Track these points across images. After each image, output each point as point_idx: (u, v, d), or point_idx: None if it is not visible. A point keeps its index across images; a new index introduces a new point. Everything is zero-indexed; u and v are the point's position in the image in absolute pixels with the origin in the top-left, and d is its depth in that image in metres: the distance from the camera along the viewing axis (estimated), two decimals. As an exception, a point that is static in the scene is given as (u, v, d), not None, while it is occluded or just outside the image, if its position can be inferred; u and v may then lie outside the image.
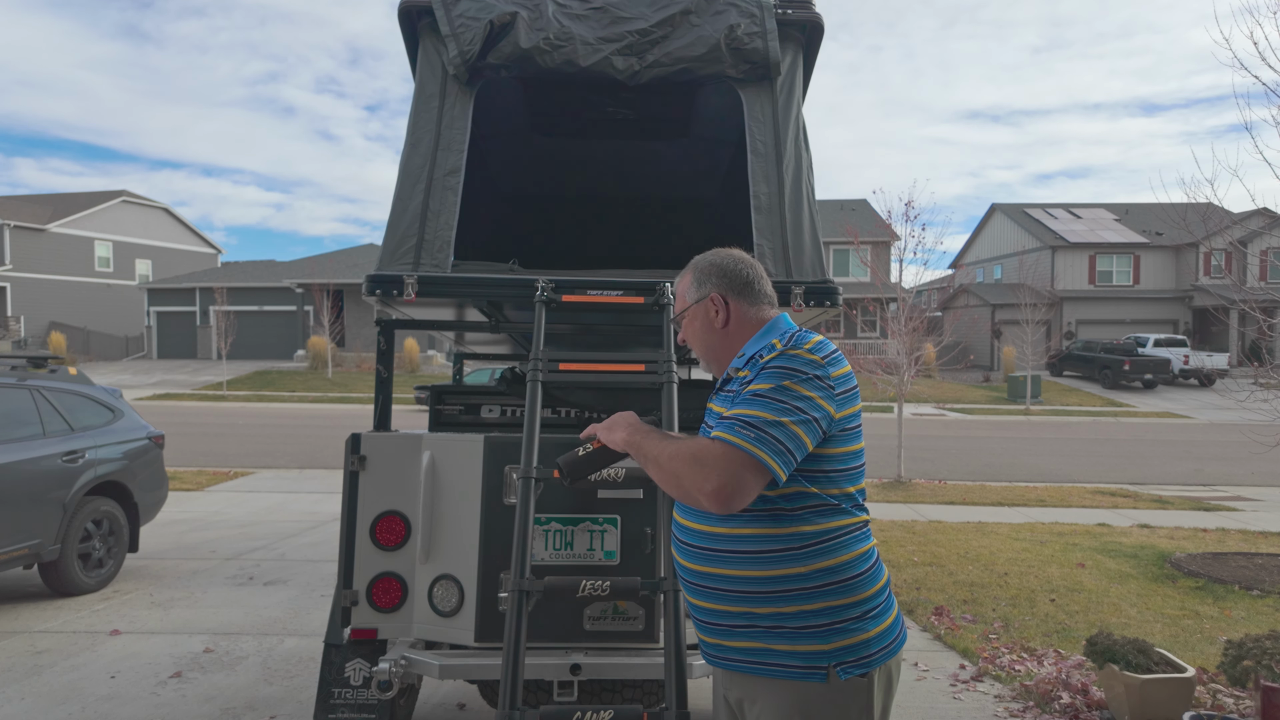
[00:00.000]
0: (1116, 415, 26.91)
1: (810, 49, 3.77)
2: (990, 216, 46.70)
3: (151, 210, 47.75)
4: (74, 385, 6.91)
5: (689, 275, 2.10)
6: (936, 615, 5.95)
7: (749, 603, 1.79)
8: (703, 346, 2.06)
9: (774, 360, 1.80)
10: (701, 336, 2.06)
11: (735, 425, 1.73)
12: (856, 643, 1.77)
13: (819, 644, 1.76)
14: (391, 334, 3.48)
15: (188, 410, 24.41)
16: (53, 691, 4.51)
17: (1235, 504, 11.54)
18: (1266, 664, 3.91)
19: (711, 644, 1.89)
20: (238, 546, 8.04)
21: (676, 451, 1.79)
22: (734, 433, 1.72)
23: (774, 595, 1.77)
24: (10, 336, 38.29)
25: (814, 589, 1.77)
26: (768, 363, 1.80)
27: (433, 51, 3.51)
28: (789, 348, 1.81)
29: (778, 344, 1.85)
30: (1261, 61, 7.06)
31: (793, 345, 1.82)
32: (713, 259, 2.08)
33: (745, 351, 1.96)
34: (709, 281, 2.05)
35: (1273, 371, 8.04)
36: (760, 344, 1.93)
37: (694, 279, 2.08)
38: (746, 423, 1.72)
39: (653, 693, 3.33)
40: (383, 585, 3.06)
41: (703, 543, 1.84)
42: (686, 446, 1.79)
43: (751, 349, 1.94)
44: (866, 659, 1.78)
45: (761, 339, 1.96)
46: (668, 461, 1.79)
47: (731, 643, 1.83)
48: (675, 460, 1.78)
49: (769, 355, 1.82)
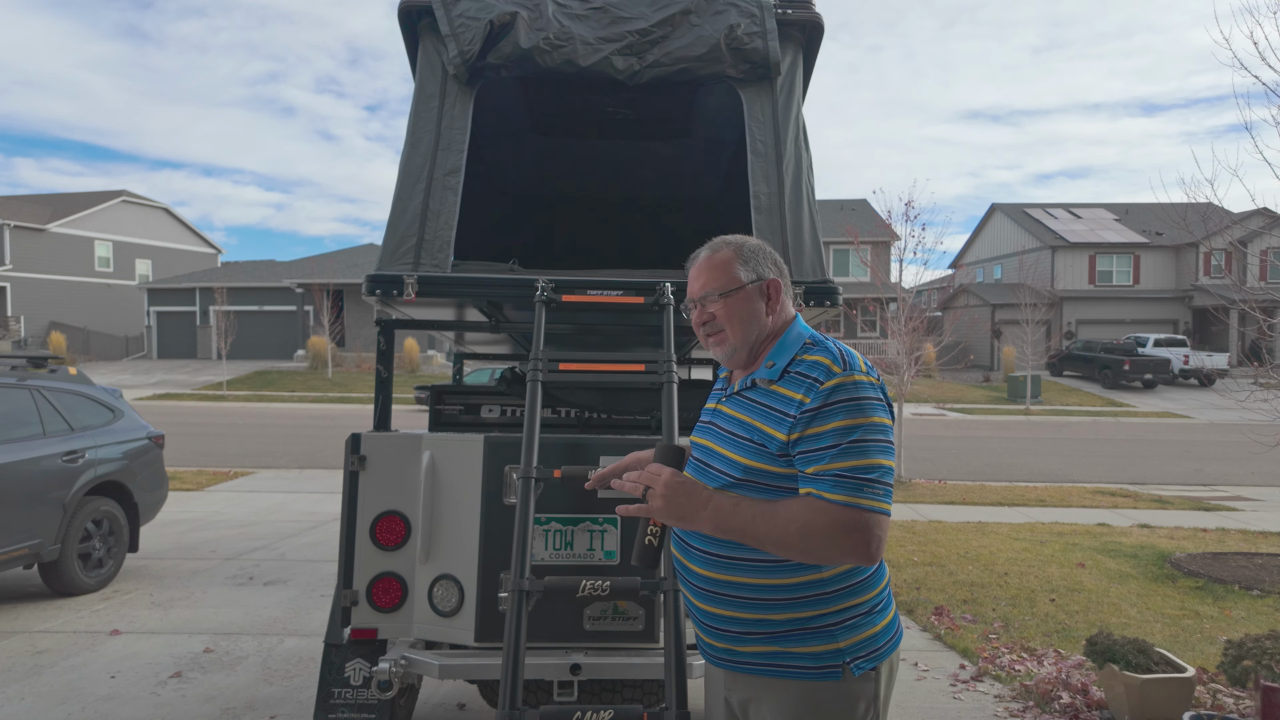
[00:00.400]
0: (1116, 415, 26.91)
1: (810, 49, 3.77)
2: (990, 216, 46.70)
3: (151, 210, 47.75)
4: (74, 385, 6.91)
5: (730, 252, 1.91)
6: (936, 615, 5.95)
7: (766, 609, 1.77)
8: (742, 332, 1.88)
9: (846, 388, 1.71)
10: (747, 322, 1.88)
11: (863, 486, 1.66)
12: (867, 638, 1.78)
13: (834, 643, 1.75)
14: (391, 334, 3.48)
15: (188, 410, 24.41)
16: (53, 691, 4.51)
17: (1235, 504, 11.53)
18: (1266, 664, 3.91)
19: (720, 648, 1.85)
20: (238, 546, 8.04)
21: (803, 527, 1.66)
22: (863, 494, 1.65)
23: (793, 601, 1.76)
24: (10, 336, 38.29)
25: (832, 593, 1.76)
26: (836, 390, 1.70)
27: (433, 51, 3.51)
28: (852, 373, 1.73)
29: (827, 363, 1.75)
30: (1261, 61, 7.07)
31: (850, 368, 1.74)
32: (756, 243, 1.94)
33: (775, 360, 1.84)
34: (765, 264, 1.92)
35: (1273, 371, 8.04)
36: (789, 352, 1.83)
37: (740, 258, 1.91)
38: (870, 480, 1.66)
39: (653, 693, 3.33)
40: (383, 585, 3.06)
41: (721, 550, 1.79)
42: (808, 519, 1.66)
43: (781, 358, 1.83)
44: (875, 653, 1.78)
45: (789, 346, 1.86)
46: (796, 539, 1.67)
47: (743, 648, 1.80)
48: (808, 537, 1.66)
49: (830, 381, 1.71)
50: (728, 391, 1.94)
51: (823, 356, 1.77)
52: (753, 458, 1.77)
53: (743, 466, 1.78)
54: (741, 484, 1.77)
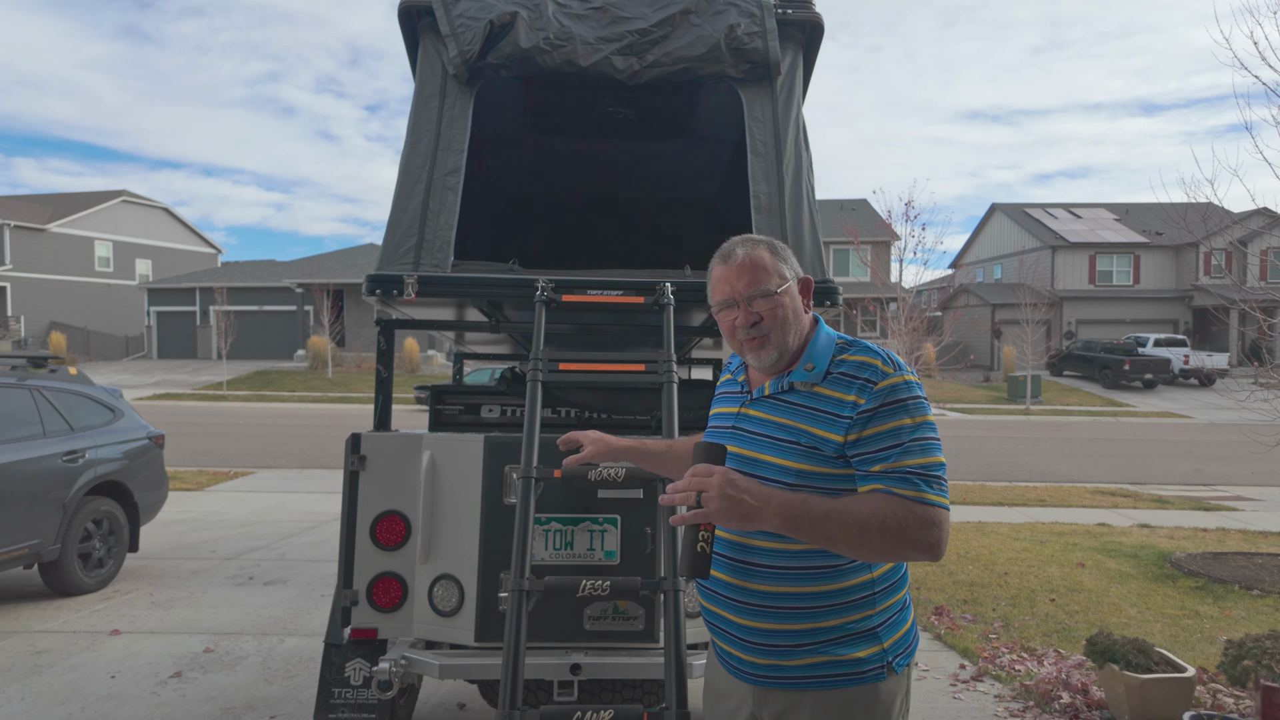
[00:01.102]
0: (1116, 415, 26.91)
1: (810, 49, 3.77)
2: (990, 216, 46.70)
3: (151, 210, 47.76)
4: (74, 385, 6.91)
5: (767, 250, 1.85)
6: (936, 615, 5.95)
7: (819, 617, 1.73)
8: (784, 333, 1.82)
9: (900, 388, 1.72)
10: (791, 321, 1.83)
11: (932, 482, 1.67)
12: (903, 635, 1.79)
13: (879, 644, 1.74)
14: (391, 334, 3.48)
15: (188, 410, 24.41)
16: (53, 691, 4.51)
17: (1235, 504, 11.53)
18: (1266, 664, 3.91)
19: (763, 665, 1.78)
20: (238, 546, 8.04)
21: (883, 522, 1.62)
22: (932, 489, 1.67)
23: (844, 606, 1.74)
24: (10, 336, 38.29)
25: (880, 592, 1.76)
26: (892, 391, 1.71)
27: (433, 51, 3.51)
28: (902, 372, 1.74)
29: (878, 364, 1.73)
30: (1261, 61, 7.08)
31: (899, 368, 1.74)
32: (781, 245, 1.91)
33: (814, 362, 1.80)
34: (794, 262, 1.90)
35: (1273, 371, 8.04)
36: (826, 353, 1.80)
37: (778, 256, 1.86)
38: (936, 476, 1.69)
39: (653, 692, 3.33)
40: (383, 585, 3.06)
41: (771, 561, 1.74)
42: (886, 514, 1.63)
43: (820, 359, 1.79)
44: (909, 649, 1.81)
45: (823, 346, 1.82)
46: (876, 535, 1.62)
47: (791, 661, 1.75)
48: (886, 532, 1.62)
49: (884, 382, 1.71)
50: (752, 395, 1.87)
51: (870, 357, 1.76)
52: (806, 461, 1.72)
53: (795, 471, 1.72)
54: (795, 489, 1.71)
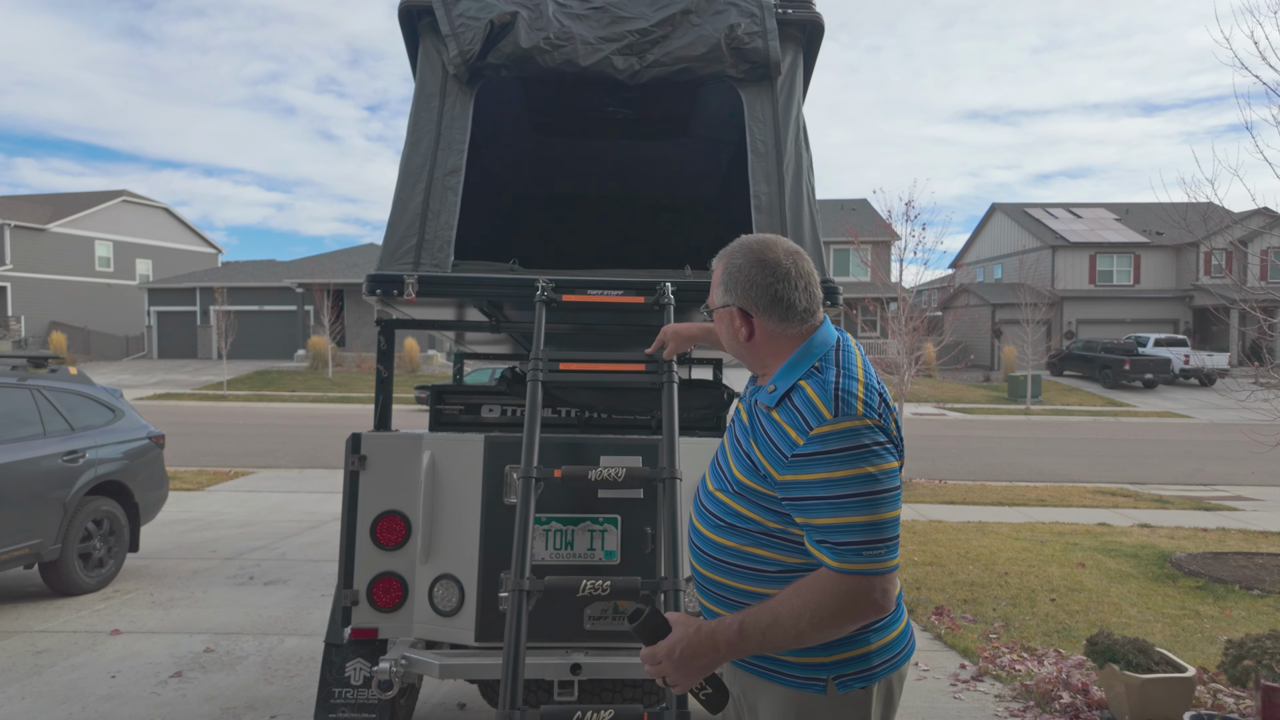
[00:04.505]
0: (1117, 415, 26.91)
1: (810, 49, 3.77)
2: (990, 216, 46.69)
3: (152, 210, 47.77)
4: (74, 385, 6.91)
5: (720, 267, 1.83)
6: (937, 615, 5.95)
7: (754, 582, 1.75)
8: (731, 351, 1.88)
9: (835, 437, 1.58)
10: (728, 343, 1.86)
11: (861, 550, 1.57)
12: (856, 656, 1.71)
13: (819, 656, 1.71)
14: (392, 334, 3.48)
15: (188, 410, 24.42)
16: (53, 691, 4.51)
17: (1235, 504, 11.53)
18: (1267, 664, 3.91)
19: None
20: (238, 546, 8.05)
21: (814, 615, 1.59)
22: (861, 559, 1.58)
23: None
24: (11, 336, 38.30)
25: None
26: (826, 439, 1.58)
27: (433, 51, 3.51)
28: (843, 419, 1.59)
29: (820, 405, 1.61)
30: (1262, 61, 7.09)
31: (844, 413, 1.59)
32: (742, 261, 1.78)
33: (778, 383, 1.72)
34: (734, 289, 1.79)
35: (1273, 371, 8.04)
36: (793, 375, 1.71)
37: (723, 275, 1.81)
38: (865, 542, 1.57)
39: (653, 692, 3.33)
40: (383, 585, 3.06)
41: (719, 555, 1.79)
42: (814, 603, 1.59)
43: (784, 381, 1.71)
44: (867, 672, 1.71)
45: (797, 366, 1.73)
46: (810, 630, 1.60)
47: None
48: (821, 623, 1.60)
49: (820, 429, 1.59)
50: (753, 397, 1.87)
51: (818, 395, 1.64)
52: (748, 476, 1.74)
53: (739, 482, 1.75)
54: (739, 496, 1.75)
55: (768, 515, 1.71)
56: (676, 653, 1.62)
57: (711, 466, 1.92)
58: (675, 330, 2.67)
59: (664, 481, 2.70)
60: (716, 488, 1.83)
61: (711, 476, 1.88)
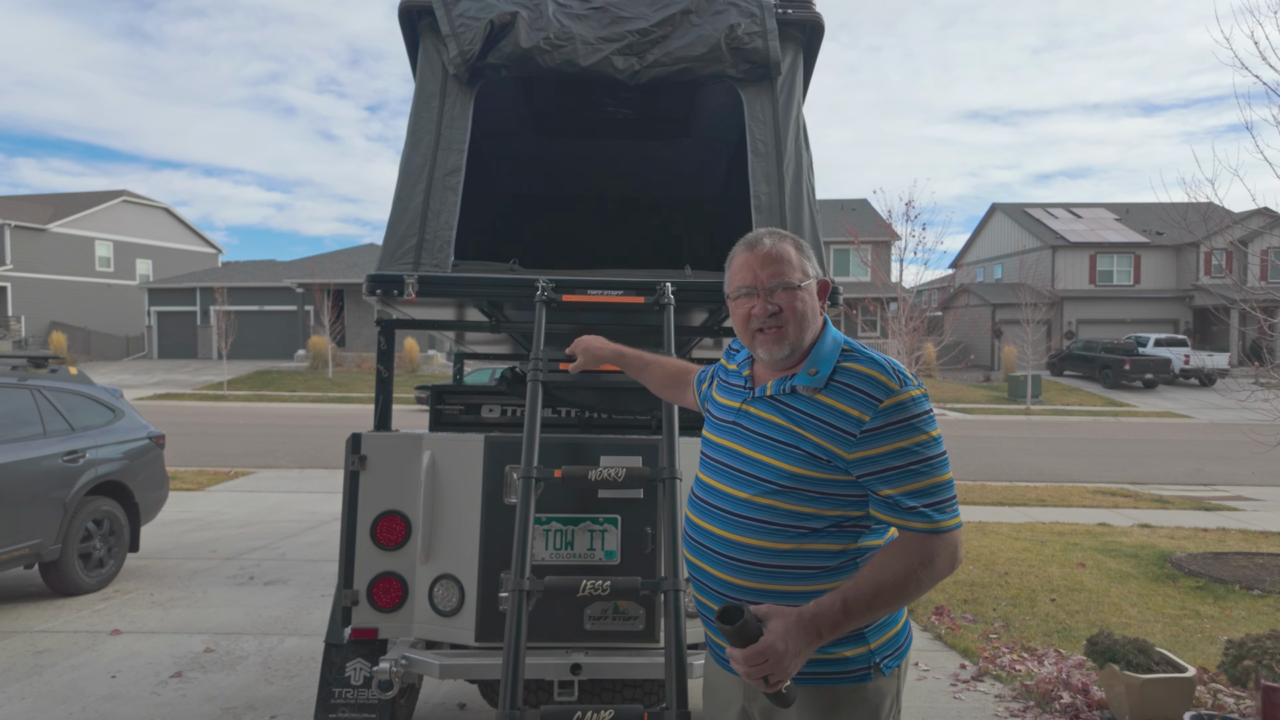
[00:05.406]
0: (1117, 415, 26.91)
1: (810, 49, 3.77)
2: (990, 216, 46.69)
3: (152, 210, 47.76)
4: (74, 385, 6.91)
5: (793, 245, 1.88)
6: (937, 615, 5.95)
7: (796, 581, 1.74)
8: (799, 330, 1.82)
9: (905, 405, 1.68)
10: (807, 320, 1.83)
11: (943, 507, 1.67)
12: (892, 636, 1.80)
13: (865, 645, 1.75)
14: (392, 334, 3.49)
15: (188, 410, 24.42)
16: (53, 691, 4.51)
17: (1236, 504, 11.53)
18: (1267, 664, 3.91)
19: None
20: (238, 546, 8.05)
21: (915, 576, 1.64)
22: (945, 515, 1.67)
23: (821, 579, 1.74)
24: (11, 336, 38.30)
25: None
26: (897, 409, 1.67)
27: (433, 51, 3.52)
28: (907, 388, 1.70)
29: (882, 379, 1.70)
30: (1262, 61, 7.08)
31: (905, 384, 1.70)
32: (805, 243, 1.93)
33: (818, 368, 1.77)
34: (815, 264, 1.91)
35: (1273, 371, 8.04)
36: (830, 360, 1.77)
37: (802, 252, 1.88)
38: (945, 500, 1.68)
39: (653, 692, 3.33)
40: (383, 585, 3.06)
41: (767, 560, 1.74)
42: (911, 565, 1.64)
43: (824, 366, 1.77)
44: (898, 650, 1.81)
45: (827, 351, 1.80)
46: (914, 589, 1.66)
47: None
48: (921, 581, 1.65)
49: (889, 400, 1.68)
50: (754, 393, 1.86)
51: (874, 370, 1.72)
52: (803, 466, 1.72)
53: (789, 474, 1.73)
54: (786, 490, 1.72)
55: (824, 504, 1.72)
56: (786, 643, 1.59)
57: (716, 471, 1.86)
58: (587, 345, 2.60)
59: (664, 481, 2.70)
60: (742, 490, 1.78)
61: (724, 479, 1.83)
